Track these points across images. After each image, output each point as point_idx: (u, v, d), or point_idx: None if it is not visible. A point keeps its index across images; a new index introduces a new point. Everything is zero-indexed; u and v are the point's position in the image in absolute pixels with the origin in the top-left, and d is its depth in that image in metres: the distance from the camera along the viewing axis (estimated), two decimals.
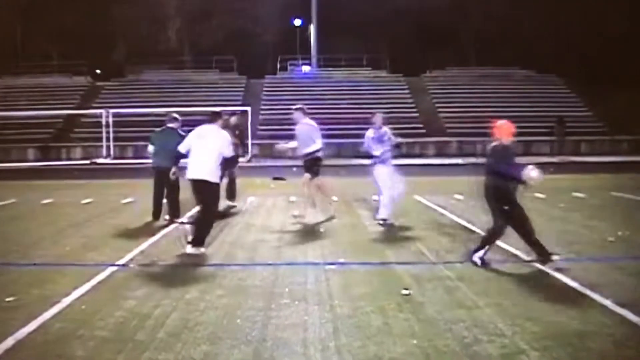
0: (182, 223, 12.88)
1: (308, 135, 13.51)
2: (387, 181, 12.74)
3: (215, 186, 10.31)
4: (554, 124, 39.76)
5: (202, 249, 10.00)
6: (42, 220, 13.81)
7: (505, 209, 8.89)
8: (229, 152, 10.53)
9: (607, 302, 6.92)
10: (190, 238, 10.12)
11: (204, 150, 10.21)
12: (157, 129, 13.68)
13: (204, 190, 10.11)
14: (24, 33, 56.36)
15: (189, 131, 10.87)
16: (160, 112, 27.94)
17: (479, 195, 9.37)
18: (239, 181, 15.44)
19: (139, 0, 53.16)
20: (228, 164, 12.83)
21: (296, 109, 13.92)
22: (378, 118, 12.97)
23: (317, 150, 13.51)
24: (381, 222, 12.62)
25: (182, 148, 10.54)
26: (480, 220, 12.59)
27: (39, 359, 5.58)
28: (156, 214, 13.15)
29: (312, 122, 13.75)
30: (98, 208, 15.70)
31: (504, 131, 9.00)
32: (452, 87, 47.48)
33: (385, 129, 12.88)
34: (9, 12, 52.61)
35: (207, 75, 51.73)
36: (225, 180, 13.56)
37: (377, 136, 12.72)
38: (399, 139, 13.35)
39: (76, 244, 10.84)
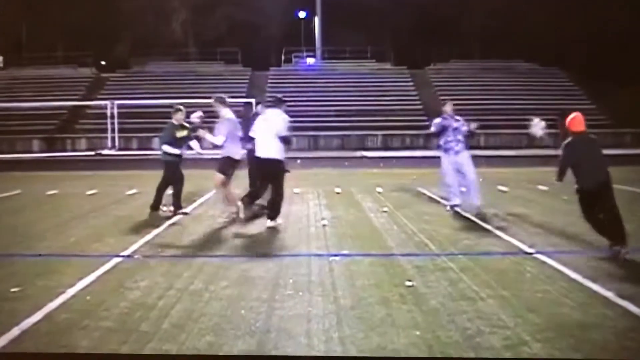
0: (185, 214, 12.92)
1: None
2: (448, 171, 13.26)
3: (281, 163, 11.60)
4: (557, 117, 39.69)
5: (280, 221, 11.39)
6: (47, 212, 13.86)
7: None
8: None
9: (609, 294, 6.93)
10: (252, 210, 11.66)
11: (269, 132, 11.35)
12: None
13: (272, 168, 11.50)
14: (29, 24, 56.40)
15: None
16: (165, 104, 27.93)
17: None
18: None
19: None
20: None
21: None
22: (448, 107, 13.17)
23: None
24: (448, 208, 13.03)
25: (252, 133, 11.73)
26: (484, 212, 12.65)
27: (44, 349, 5.58)
28: (155, 206, 13.19)
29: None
30: (103, 199, 15.75)
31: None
32: (455, 80, 47.46)
33: (454, 119, 13.20)
34: (14, 3, 52.63)
35: (211, 67, 51.78)
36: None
37: (443, 124, 13.24)
38: (472, 126, 13.56)
39: (81, 235, 10.88)
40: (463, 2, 55.02)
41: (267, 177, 11.71)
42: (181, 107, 13.33)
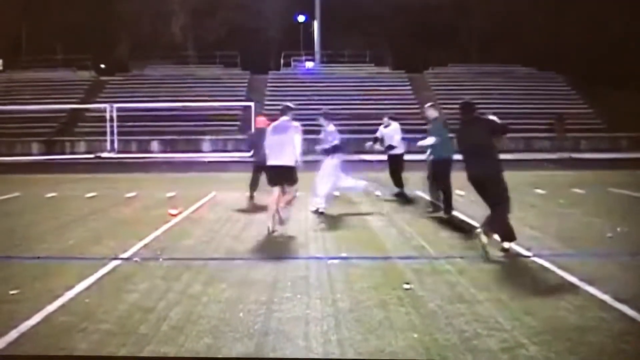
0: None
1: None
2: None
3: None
4: (554, 121, 39.78)
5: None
6: (46, 214, 13.87)
7: None
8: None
9: (606, 297, 6.96)
10: None
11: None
12: None
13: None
14: (28, 27, 56.41)
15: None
16: (164, 107, 28.12)
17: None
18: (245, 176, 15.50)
19: None
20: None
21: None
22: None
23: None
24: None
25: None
26: (481, 215, 12.68)
27: (43, 352, 5.61)
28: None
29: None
30: (102, 202, 15.77)
31: None
32: (453, 84, 47.46)
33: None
34: (13, 6, 52.64)
35: (210, 71, 51.75)
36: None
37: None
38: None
39: (80, 238, 10.89)
40: (461, 7, 55.09)
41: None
42: None
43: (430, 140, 12.93)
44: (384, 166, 16.41)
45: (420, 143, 13.20)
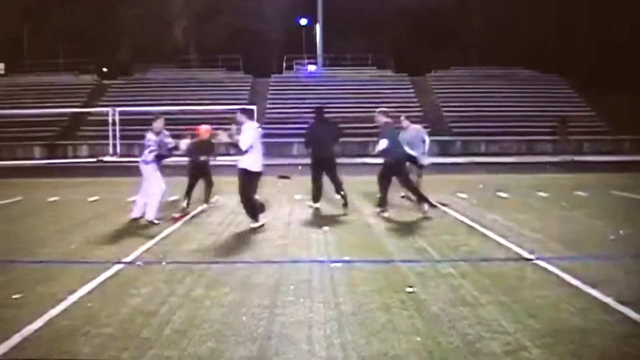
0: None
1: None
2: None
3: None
4: (557, 124, 39.77)
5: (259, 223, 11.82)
6: (48, 218, 13.87)
7: None
8: None
9: (608, 300, 6.95)
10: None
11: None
12: None
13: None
14: (30, 31, 56.54)
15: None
16: (166, 111, 27.94)
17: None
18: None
19: None
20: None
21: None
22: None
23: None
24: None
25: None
26: (484, 218, 12.68)
27: (45, 356, 5.59)
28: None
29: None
30: (104, 206, 15.78)
31: None
32: (456, 87, 47.54)
33: None
34: (16, 10, 52.72)
35: (213, 74, 51.80)
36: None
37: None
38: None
39: (82, 242, 10.88)
40: (463, 10, 55.13)
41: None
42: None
43: (383, 144, 13.41)
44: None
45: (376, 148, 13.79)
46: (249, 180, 11.89)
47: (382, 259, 9.39)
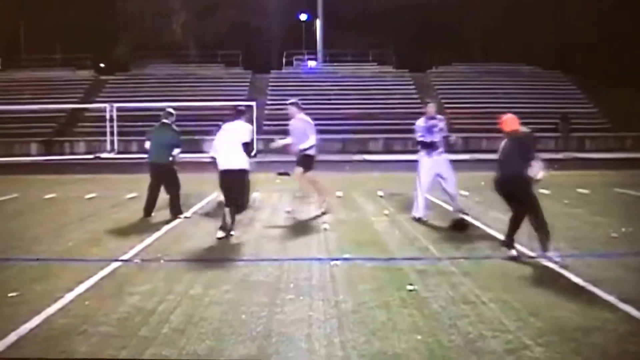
0: (187, 217, 12.91)
1: (302, 131, 13.49)
2: (425, 176, 12.72)
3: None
4: (559, 121, 39.74)
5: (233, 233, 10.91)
6: (45, 215, 13.82)
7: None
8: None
9: (611, 298, 6.92)
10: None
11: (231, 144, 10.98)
12: (155, 125, 13.72)
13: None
14: (27, 26, 56.40)
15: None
16: (165, 107, 27.95)
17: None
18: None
19: None
20: None
21: (290, 104, 13.83)
22: (431, 108, 13.13)
23: (311, 147, 13.49)
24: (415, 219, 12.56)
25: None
26: (486, 216, 12.62)
27: (42, 355, 5.55)
28: (148, 211, 13.17)
29: (307, 118, 13.71)
30: (102, 203, 15.72)
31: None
32: (457, 83, 47.43)
33: (437, 120, 13.02)
34: (13, 5, 52.63)
35: (212, 70, 51.64)
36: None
37: (427, 126, 12.88)
38: (452, 136, 13.34)
39: (79, 239, 10.84)
40: (465, 5, 55.06)
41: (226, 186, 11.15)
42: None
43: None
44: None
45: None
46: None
47: (383, 256, 9.34)
